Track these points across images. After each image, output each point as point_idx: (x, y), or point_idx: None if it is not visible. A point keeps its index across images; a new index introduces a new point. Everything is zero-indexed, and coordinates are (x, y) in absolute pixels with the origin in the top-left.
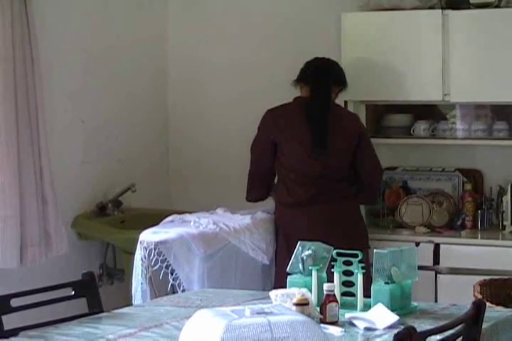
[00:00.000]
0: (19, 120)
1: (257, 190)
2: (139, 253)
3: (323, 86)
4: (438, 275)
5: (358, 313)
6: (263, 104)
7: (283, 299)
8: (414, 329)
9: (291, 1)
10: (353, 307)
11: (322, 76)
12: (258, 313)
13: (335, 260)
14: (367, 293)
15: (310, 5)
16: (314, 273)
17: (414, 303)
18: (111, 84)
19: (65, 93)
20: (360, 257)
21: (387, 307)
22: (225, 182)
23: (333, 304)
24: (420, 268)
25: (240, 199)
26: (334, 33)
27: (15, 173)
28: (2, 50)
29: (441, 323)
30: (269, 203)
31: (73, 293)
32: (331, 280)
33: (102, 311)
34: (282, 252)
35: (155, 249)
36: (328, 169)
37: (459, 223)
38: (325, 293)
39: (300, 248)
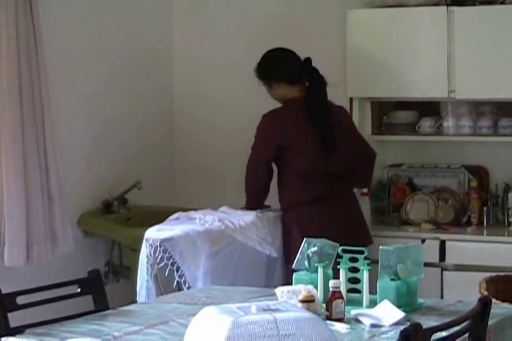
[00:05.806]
0: (24, 119)
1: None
2: (144, 251)
3: (323, 83)
4: (444, 272)
5: (364, 310)
6: (268, 103)
7: (289, 296)
8: (420, 325)
9: None
10: (359, 303)
11: (317, 72)
12: (264, 310)
13: (341, 257)
14: (372, 290)
15: (315, 2)
16: (320, 270)
17: (420, 300)
18: (116, 83)
19: (71, 91)
20: (366, 254)
21: (393, 304)
22: (230, 179)
23: (339, 301)
24: (426, 264)
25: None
26: (339, 30)
27: (21, 171)
28: (7, 49)
29: (447, 320)
30: (272, 202)
31: (79, 290)
32: (336, 277)
33: (108, 308)
34: (297, 250)
35: (160, 246)
36: (337, 166)
37: (464, 220)
38: (331, 289)
39: (306, 245)
